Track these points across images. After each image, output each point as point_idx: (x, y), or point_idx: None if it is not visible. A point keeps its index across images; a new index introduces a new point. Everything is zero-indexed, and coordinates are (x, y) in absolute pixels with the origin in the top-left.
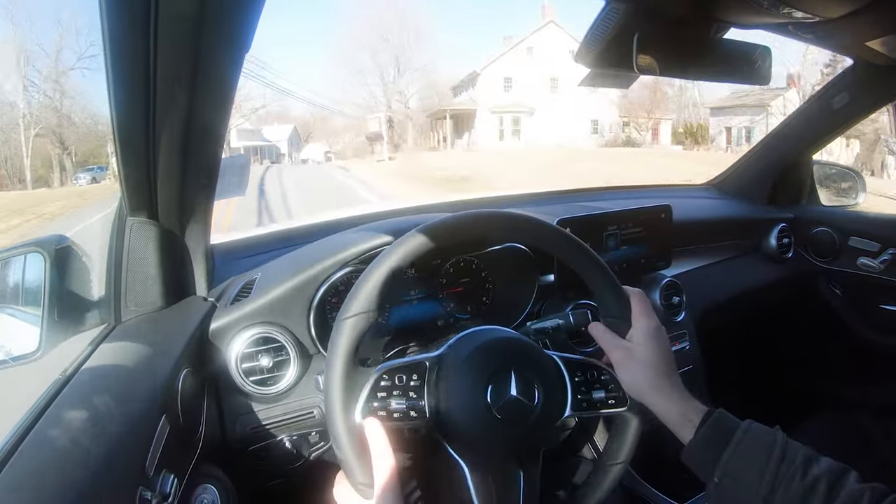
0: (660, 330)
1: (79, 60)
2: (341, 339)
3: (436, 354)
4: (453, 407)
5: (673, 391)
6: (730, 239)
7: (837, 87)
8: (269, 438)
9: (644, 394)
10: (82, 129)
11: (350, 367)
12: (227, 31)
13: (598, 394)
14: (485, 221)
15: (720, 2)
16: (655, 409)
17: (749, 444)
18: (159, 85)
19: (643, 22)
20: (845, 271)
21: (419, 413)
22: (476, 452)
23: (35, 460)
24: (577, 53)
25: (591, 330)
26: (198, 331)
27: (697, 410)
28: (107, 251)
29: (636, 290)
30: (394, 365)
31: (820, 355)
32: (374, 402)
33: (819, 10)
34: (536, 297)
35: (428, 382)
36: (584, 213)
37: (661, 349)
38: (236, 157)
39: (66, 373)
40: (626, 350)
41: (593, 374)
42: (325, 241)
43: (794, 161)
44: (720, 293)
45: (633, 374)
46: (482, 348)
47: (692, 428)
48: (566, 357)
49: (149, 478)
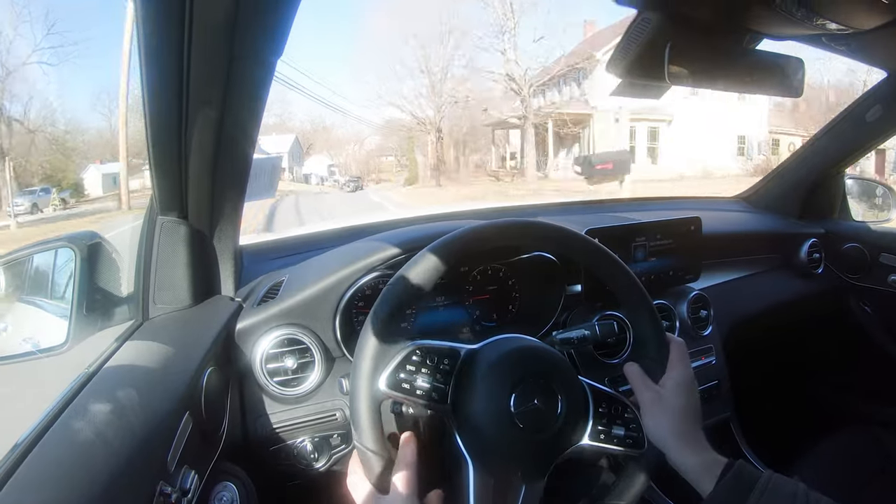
0: (693, 382)
1: (34, 53)
2: (391, 293)
3: (473, 347)
4: (475, 402)
5: (695, 442)
6: (759, 253)
7: (871, 100)
8: (290, 439)
9: (665, 440)
10: (40, 138)
11: (389, 329)
12: (260, 37)
13: (619, 430)
14: (555, 234)
15: (753, 12)
16: (675, 457)
17: (771, 497)
18: (192, 88)
19: (675, 32)
20: (875, 288)
21: (441, 397)
22: (486, 449)
23: (58, 451)
24: (608, 63)
25: (626, 369)
26: (224, 330)
27: (718, 462)
28: (136, 249)
29: (677, 339)
30: (430, 344)
31: (847, 372)
32: (402, 373)
33: (853, 21)
34: (563, 307)
35: (458, 371)
36: (613, 224)
37: (690, 400)
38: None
39: (92, 366)
40: (656, 395)
41: (618, 409)
42: (353, 246)
43: (825, 175)
44: (748, 307)
45: (658, 420)
46: (518, 353)
47: (712, 479)
48: (596, 387)
49: (169, 473)
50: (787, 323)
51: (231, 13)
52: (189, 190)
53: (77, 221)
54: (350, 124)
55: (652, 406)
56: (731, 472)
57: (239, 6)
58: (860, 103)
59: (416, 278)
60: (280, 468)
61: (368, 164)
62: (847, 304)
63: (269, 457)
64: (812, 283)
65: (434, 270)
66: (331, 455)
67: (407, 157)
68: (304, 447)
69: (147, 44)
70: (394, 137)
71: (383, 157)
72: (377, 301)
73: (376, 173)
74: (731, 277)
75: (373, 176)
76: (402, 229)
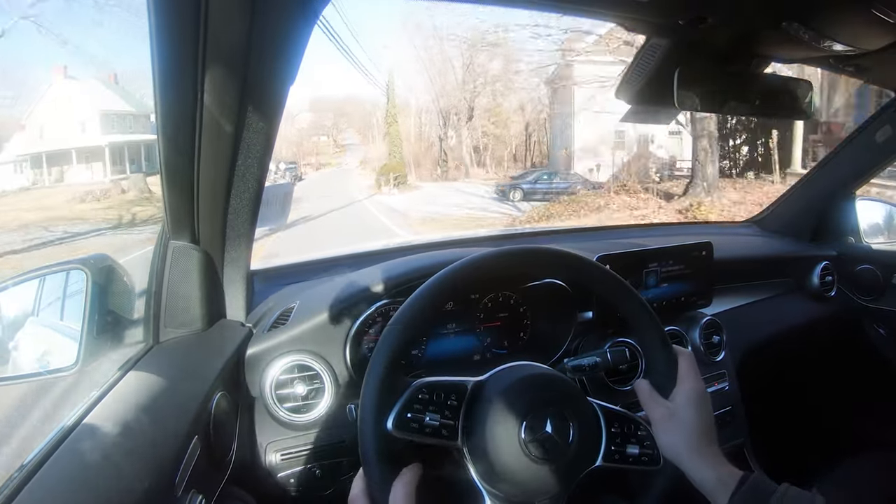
0: (704, 395)
1: None
2: (387, 344)
3: (479, 380)
4: (486, 434)
5: (710, 456)
6: (772, 277)
7: (881, 121)
8: (299, 466)
9: (680, 456)
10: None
11: (391, 374)
12: (273, 64)
13: (633, 449)
14: (564, 260)
15: (760, 36)
16: (690, 472)
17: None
18: (205, 114)
19: (683, 57)
20: (890, 310)
21: (451, 433)
22: (500, 482)
23: (65, 473)
24: (617, 90)
25: (636, 385)
26: (234, 355)
27: (733, 475)
28: (148, 273)
29: (686, 352)
30: (434, 381)
31: (863, 395)
32: (409, 412)
33: (860, 42)
34: (574, 334)
35: (466, 405)
36: (625, 250)
37: (702, 414)
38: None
39: (101, 388)
40: (668, 410)
41: (630, 427)
42: (364, 272)
43: (837, 197)
44: (762, 332)
45: (671, 436)
46: (525, 382)
47: (727, 492)
48: (607, 407)
49: (177, 497)
50: (800, 347)
51: (245, 41)
52: (201, 215)
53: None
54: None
55: (664, 422)
56: (746, 485)
57: (252, 34)
58: (870, 124)
59: (417, 314)
60: (288, 494)
61: (302, 145)
62: (861, 327)
63: (278, 483)
64: (825, 306)
65: (437, 301)
66: (340, 482)
67: (390, 141)
68: (312, 473)
69: (161, 69)
70: (329, 114)
71: (315, 136)
72: (381, 336)
73: (314, 156)
74: (744, 302)
75: (310, 160)
76: (413, 256)
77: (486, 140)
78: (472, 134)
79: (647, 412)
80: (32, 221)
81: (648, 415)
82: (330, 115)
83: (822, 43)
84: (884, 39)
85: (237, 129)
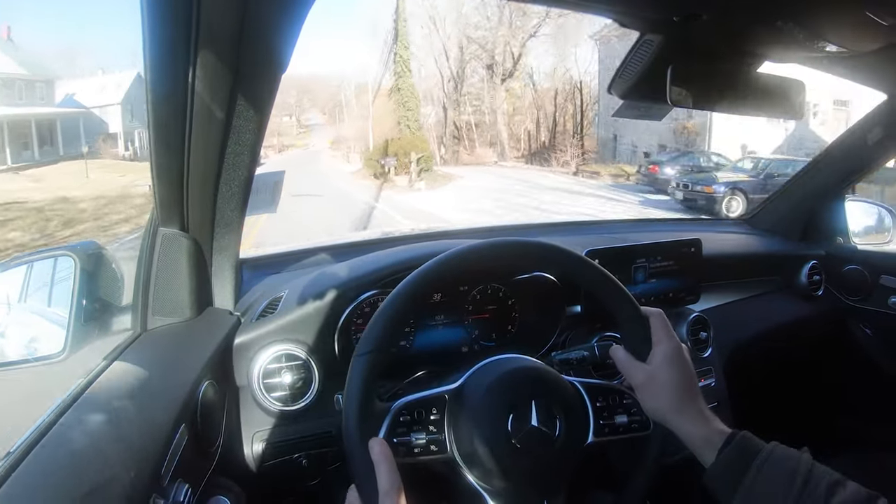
0: (680, 352)
1: None
2: (357, 376)
3: (454, 387)
4: (474, 438)
5: (696, 414)
6: (760, 275)
7: (871, 122)
8: (286, 455)
9: (665, 417)
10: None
11: (367, 404)
12: (265, 52)
13: (621, 418)
14: (489, 251)
15: (754, 35)
16: (678, 432)
17: (771, 468)
18: (196, 100)
19: (677, 54)
20: (876, 311)
21: (440, 447)
22: (498, 482)
23: (51, 461)
24: (610, 84)
25: (612, 353)
26: (222, 344)
27: (720, 433)
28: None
29: (655, 311)
30: (412, 400)
31: (848, 394)
32: (395, 438)
33: (853, 44)
34: (562, 328)
35: (448, 415)
36: (614, 245)
37: (682, 371)
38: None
39: (88, 376)
40: (647, 374)
41: (615, 398)
42: (352, 262)
43: (827, 197)
44: (749, 329)
45: (654, 398)
46: (502, 378)
47: (714, 450)
48: (587, 382)
49: (163, 486)
50: (787, 345)
51: (237, 28)
52: (190, 202)
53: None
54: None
55: (645, 385)
56: (731, 445)
57: (245, 22)
58: (861, 125)
59: (394, 317)
60: (275, 484)
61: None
62: (848, 327)
63: (264, 472)
64: (812, 305)
65: (419, 295)
66: (326, 471)
67: (400, 102)
68: (299, 463)
69: (152, 56)
70: (292, 91)
71: (277, 115)
72: (350, 368)
73: (276, 136)
74: (732, 299)
75: (272, 141)
76: (403, 247)
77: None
78: (509, 98)
79: (628, 378)
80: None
81: (629, 381)
82: (293, 92)
83: (816, 43)
84: (876, 41)
85: (228, 115)
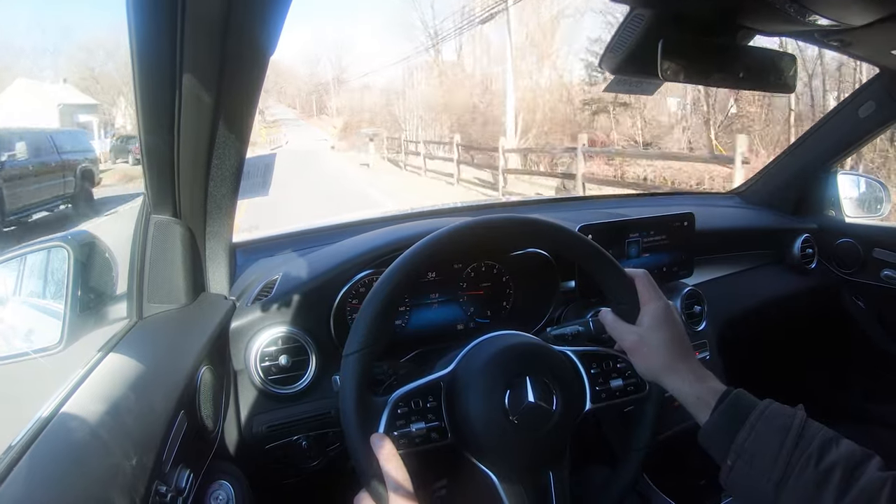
0: (668, 311)
1: None
2: (350, 375)
3: (447, 371)
4: (472, 420)
5: (688, 372)
6: (753, 249)
7: (864, 96)
8: (285, 437)
9: (659, 376)
10: None
11: (364, 400)
12: (252, 34)
13: (616, 382)
14: (473, 228)
15: (746, 9)
16: (672, 390)
17: (765, 425)
18: (185, 86)
19: (668, 28)
20: (868, 283)
21: (441, 434)
22: (502, 461)
23: (53, 451)
24: (601, 59)
25: (601, 318)
26: (218, 329)
27: (714, 391)
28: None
29: (640, 272)
30: (407, 391)
31: (841, 368)
32: (395, 430)
33: (845, 17)
34: (557, 303)
35: (445, 401)
36: (607, 220)
37: (672, 330)
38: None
39: (86, 366)
40: (637, 335)
41: (609, 363)
42: (346, 243)
43: (819, 171)
44: (742, 303)
45: (646, 359)
46: (493, 358)
47: (708, 409)
48: (580, 350)
49: (165, 472)
50: (780, 318)
51: (224, 10)
52: (182, 188)
53: None
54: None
55: (636, 348)
56: (725, 402)
57: (231, 4)
58: (853, 99)
59: (382, 311)
60: (275, 466)
61: None
62: (840, 300)
63: (265, 455)
64: (805, 278)
65: (409, 275)
66: (326, 452)
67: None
68: (299, 445)
69: (139, 41)
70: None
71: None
72: (341, 367)
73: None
74: (725, 273)
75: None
76: (397, 226)
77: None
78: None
79: (619, 342)
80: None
81: (621, 344)
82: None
83: (808, 17)
84: (869, 15)
85: (217, 100)
